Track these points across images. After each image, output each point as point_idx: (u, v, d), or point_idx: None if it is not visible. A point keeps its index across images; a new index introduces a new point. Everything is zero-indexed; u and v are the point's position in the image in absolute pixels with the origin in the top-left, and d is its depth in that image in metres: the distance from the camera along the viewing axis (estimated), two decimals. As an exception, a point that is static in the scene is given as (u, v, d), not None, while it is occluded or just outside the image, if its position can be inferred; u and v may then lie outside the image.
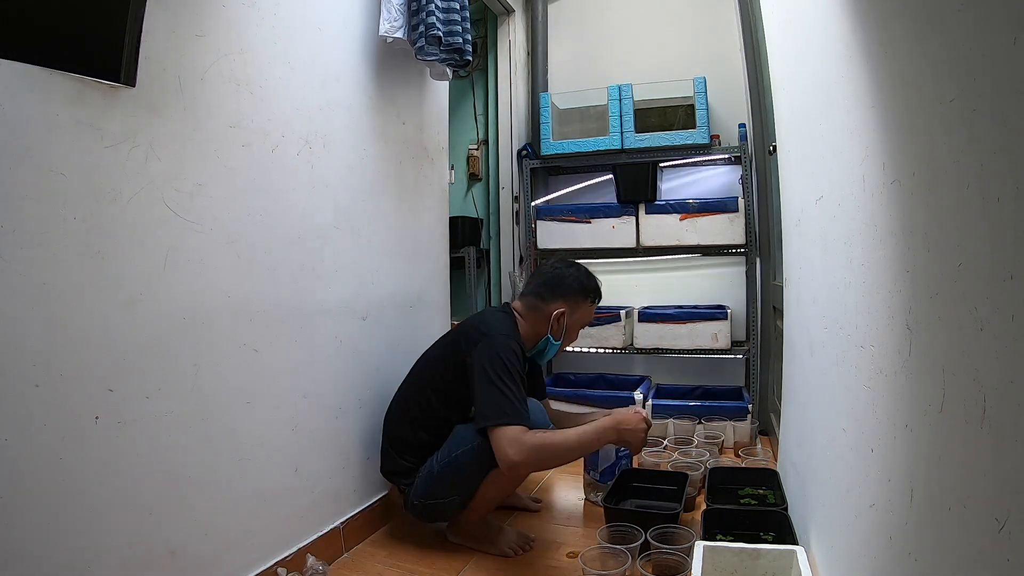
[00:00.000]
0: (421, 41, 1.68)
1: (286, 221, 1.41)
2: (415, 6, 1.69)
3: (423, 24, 1.67)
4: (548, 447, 1.39)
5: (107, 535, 1.00)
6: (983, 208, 0.49)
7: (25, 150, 0.89)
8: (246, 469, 1.28)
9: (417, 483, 1.54)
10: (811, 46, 1.17)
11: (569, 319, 1.64)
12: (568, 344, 1.73)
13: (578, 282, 1.65)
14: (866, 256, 0.83)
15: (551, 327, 1.63)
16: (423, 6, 1.67)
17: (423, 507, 1.54)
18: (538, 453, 1.37)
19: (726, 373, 2.70)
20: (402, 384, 1.67)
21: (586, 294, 1.66)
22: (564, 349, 1.70)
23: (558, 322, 1.62)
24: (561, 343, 1.68)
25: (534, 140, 2.87)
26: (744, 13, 2.53)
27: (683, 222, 2.51)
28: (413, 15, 1.70)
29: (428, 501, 1.53)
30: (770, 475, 1.69)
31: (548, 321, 1.62)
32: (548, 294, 1.64)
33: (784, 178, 1.70)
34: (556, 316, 1.62)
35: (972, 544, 0.51)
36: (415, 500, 1.55)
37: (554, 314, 1.62)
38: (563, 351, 1.70)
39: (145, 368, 1.07)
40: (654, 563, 1.28)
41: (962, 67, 0.52)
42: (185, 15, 1.14)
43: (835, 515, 1.03)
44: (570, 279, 1.65)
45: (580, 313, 1.66)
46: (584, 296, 1.66)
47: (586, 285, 1.66)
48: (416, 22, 1.69)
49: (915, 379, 0.65)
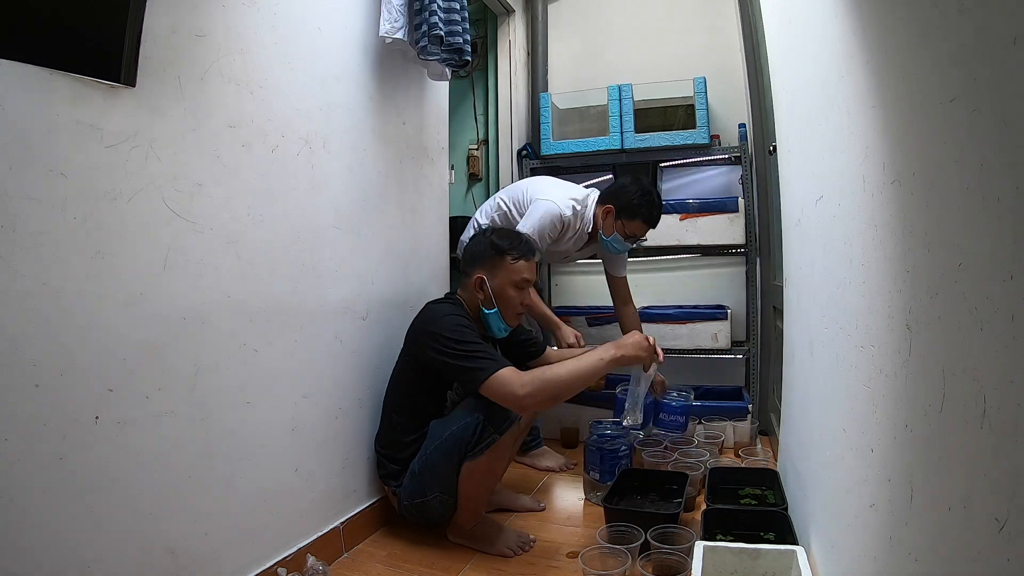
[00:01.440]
0: (424, 40, 1.68)
1: (286, 221, 1.41)
2: (418, 5, 1.70)
3: (426, 23, 1.67)
4: (547, 375, 1.39)
5: (107, 535, 1.00)
6: (983, 208, 0.49)
7: (25, 150, 0.89)
8: (246, 469, 1.28)
9: (405, 485, 1.57)
10: (811, 46, 1.17)
11: (492, 283, 1.59)
12: (512, 310, 1.62)
13: (488, 244, 1.61)
14: (866, 256, 0.83)
15: (480, 299, 1.60)
16: (425, 5, 1.68)
17: (411, 507, 1.57)
18: (539, 383, 1.37)
19: (726, 373, 2.70)
20: (385, 391, 1.70)
21: (500, 253, 1.59)
22: (516, 316, 1.64)
23: (481, 290, 1.59)
24: (498, 310, 1.60)
25: (534, 140, 2.87)
26: (744, 13, 2.53)
27: (683, 222, 2.51)
28: (416, 14, 1.70)
29: (415, 500, 1.55)
30: (770, 475, 1.69)
31: (475, 292, 1.61)
32: (467, 266, 1.64)
33: (784, 178, 1.70)
34: (476, 284, 1.60)
35: (972, 544, 0.51)
36: (404, 501, 1.58)
37: (473, 283, 1.60)
38: (517, 317, 1.65)
39: (145, 368, 1.07)
40: (654, 563, 1.28)
41: (962, 67, 0.52)
42: (185, 15, 1.14)
43: (835, 515, 1.03)
44: (480, 244, 1.63)
45: (502, 273, 1.59)
46: (498, 255, 1.59)
47: (498, 244, 1.60)
48: (419, 21, 1.70)
49: (915, 379, 0.65)
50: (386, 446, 1.64)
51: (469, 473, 1.49)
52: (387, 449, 1.63)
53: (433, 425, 1.56)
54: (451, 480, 1.51)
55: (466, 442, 1.47)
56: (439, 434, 1.52)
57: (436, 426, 1.55)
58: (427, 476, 1.52)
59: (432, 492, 1.53)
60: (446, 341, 1.47)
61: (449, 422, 1.52)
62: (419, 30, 1.69)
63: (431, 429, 1.56)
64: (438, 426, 1.54)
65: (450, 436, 1.49)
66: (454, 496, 1.53)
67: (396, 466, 1.61)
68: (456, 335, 1.47)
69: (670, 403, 2.18)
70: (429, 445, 1.54)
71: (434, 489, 1.52)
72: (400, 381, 1.64)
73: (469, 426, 1.46)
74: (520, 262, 1.61)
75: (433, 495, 1.53)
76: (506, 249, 1.60)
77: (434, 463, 1.51)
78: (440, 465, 1.50)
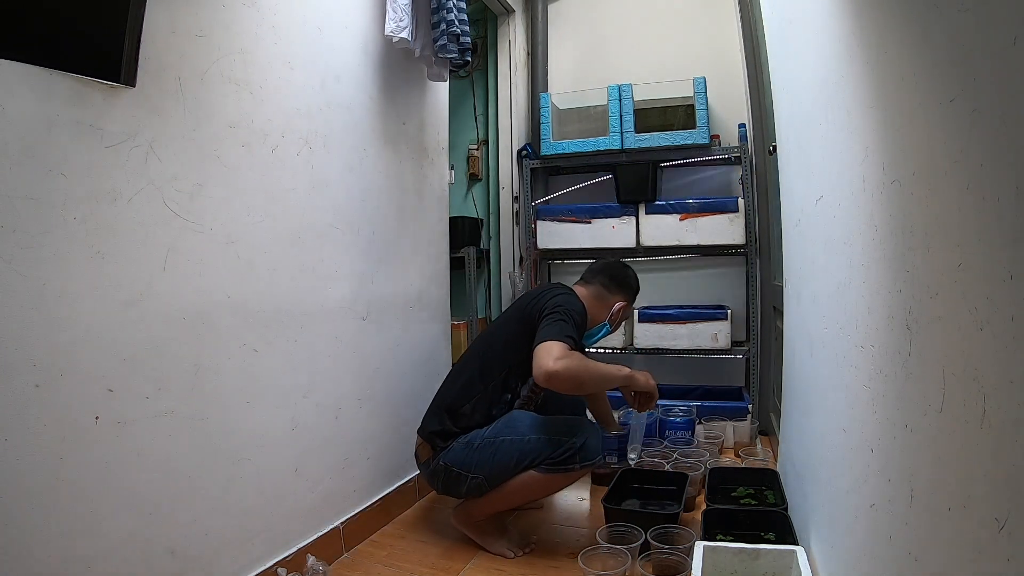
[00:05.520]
0: (443, 39, 1.70)
1: (286, 221, 1.41)
2: (435, 4, 1.73)
3: (444, 22, 1.70)
4: (583, 362, 1.46)
5: (107, 535, 1.00)
6: (983, 208, 0.49)
7: (25, 150, 0.89)
8: (246, 469, 1.28)
9: (453, 448, 1.54)
10: (811, 46, 1.17)
11: (622, 313, 1.80)
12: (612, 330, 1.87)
13: (635, 282, 1.84)
14: (866, 256, 0.83)
15: (611, 316, 1.78)
16: (443, 4, 1.70)
17: (447, 473, 1.54)
18: (572, 364, 1.42)
19: (726, 373, 2.70)
20: (464, 353, 1.74)
21: (634, 295, 1.85)
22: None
23: (618, 313, 1.78)
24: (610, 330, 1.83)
25: (534, 140, 2.87)
26: (744, 13, 2.53)
27: (683, 222, 2.51)
28: (433, 13, 1.73)
29: (456, 469, 1.52)
30: (770, 475, 1.69)
31: (609, 310, 1.77)
32: (614, 287, 1.79)
33: (784, 178, 1.70)
34: (619, 307, 1.78)
35: (972, 544, 0.51)
36: (443, 462, 1.54)
37: (616, 305, 1.77)
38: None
39: (145, 368, 1.07)
40: (654, 563, 1.28)
41: (962, 67, 0.52)
42: (185, 15, 1.14)
43: (835, 515, 1.03)
44: (632, 279, 1.83)
45: (628, 310, 1.83)
46: (633, 296, 1.85)
47: (635, 287, 1.85)
48: (436, 20, 1.73)
49: (915, 379, 0.65)
50: (453, 406, 1.59)
51: (528, 481, 1.48)
52: (454, 408, 1.58)
53: (517, 415, 1.56)
54: (504, 475, 1.49)
55: (546, 456, 1.46)
56: (522, 431, 1.50)
57: (522, 420, 1.53)
58: (484, 456, 1.50)
59: (478, 473, 1.50)
60: (562, 310, 1.54)
61: (540, 426, 1.51)
62: (437, 28, 1.71)
63: (514, 418, 1.55)
64: (524, 421, 1.53)
65: (535, 441, 1.48)
66: (492, 488, 1.51)
67: (456, 427, 1.56)
68: (572, 312, 1.55)
69: (675, 420, 2.23)
70: (506, 432, 1.51)
71: (482, 471, 1.50)
72: (501, 344, 1.64)
73: (563, 444, 1.47)
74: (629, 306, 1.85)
75: (477, 476, 1.50)
76: (636, 291, 1.85)
77: (501, 451, 1.49)
78: (505, 457, 1.48)
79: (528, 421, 1.53)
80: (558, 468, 1.46)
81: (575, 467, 1.47)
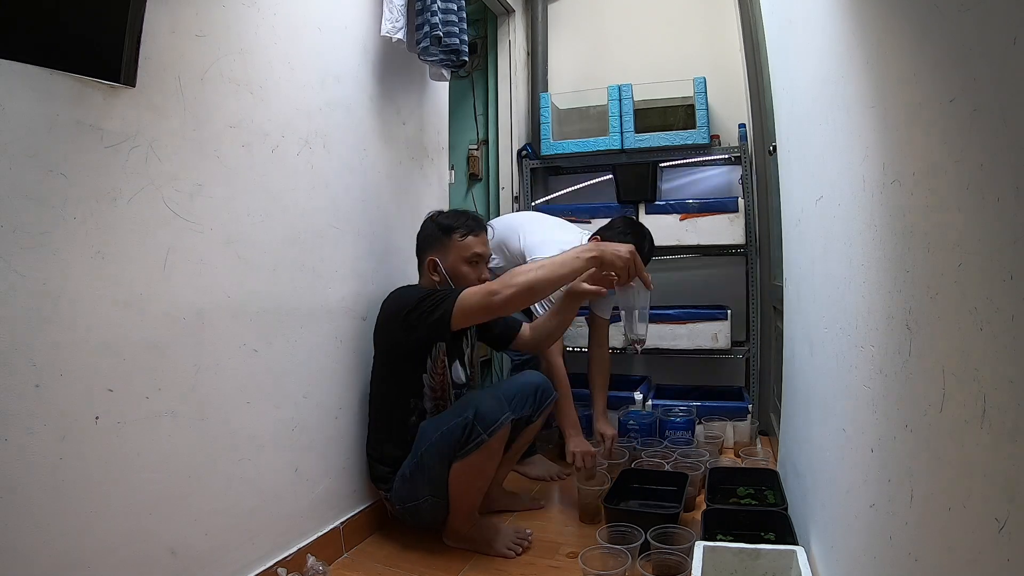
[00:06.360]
0: (425, 41, 1.68)
1: (286, 221, 1.41)
2: (419, 5, 1.69)
3: (427, 24, 1.68)
4: (514, 271, 1.40)
5: (107, 535, 1.00)
6: (983, 208, 0.49)
7: (25, 150, 0.89)
8: (246, 469, 1.28)
9: (395, 489, 1.56)
10: (811, 46, 1.17)
11: (445, 264, 1.62)
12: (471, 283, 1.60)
13: (433, 226, 1.65)
14: (866, 256, 0.83)
15: (437, 282, 1.63)
16: (427, 6, 1.68)
17: (404, 511, 1.57)
18: (505, 278, 1.38)
19: (726, 373, 2.70)
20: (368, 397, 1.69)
21: (448, 232, 1.62)
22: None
23: (436, 272, 1.63)
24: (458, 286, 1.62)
25: (534, 140, 2.87)
26: (744, 13, 2.53)
27: (683, 222, 2.51)
28: (417, 15, 1.70)
29: (407, 504, 1.54)
30: (770, 475, 1.69)
31: (460, 257, 1.62)
32: (419, 253, 1.70)
33: (784, 178, 1.70)
34: (429, 267, 1.64)
35: (972, 544, 0.51)
36: (396, 505, 1.57)
37: (427, 266, 1.64)
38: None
39: (145, 368, 1.07)
40: (654, 563, 1.28)
41: (962, 67, 0.52)
42: (185, 15, 1.14)
43: (835, 515, 1.03)
44: (427, 228, 1.67)
45: (453, 252, 1.62)
46: (445, 235, 1.63)
47: (444, 224, 1.64)
48: (420, 21, 1.70)
49: (915, 379, 0.65)
50: (375, 448, 1.62)
51: (458, 474, 1.47)
52: (375, 451, 1.61)
53: (423, 427, 1.54)
54: (442, 482, 1.49)
55: (456, 442, 1.45)
56: (429, 436, 1.50)
57: (426, 427, 1.53)
58: (418, 479, 1.51)
59: (423, 495, 1.51)
60: (407, 313, 1.48)
61: (439, 422, 1.51)
62: (420, 30, 1.69)
63: (421, 431, 1.54)
64: (429, 427, 1.53)
65: (440, 437, 1.47)
66: (445, 499, 1.51)
67: (386, 468, 1.58)
68: (413, 302, 1.49)
69: (675, 420, 2.24)
70: (419, 447, 1.51)
71: (425, 492, 1.51)
72: (377, 380, 1.62)
73: (458, 426, 1.45)
74: (469, 238, 1.63)
75: (424, 498, 1.51)
76: (453, 227, 1.63)
77: (425, 465, 1.49)
78: (431, 467, 1.49)
79: (432, 425, 1.53)
80: (469, 449, 1.44)
81: (482, 438, 1.43)
